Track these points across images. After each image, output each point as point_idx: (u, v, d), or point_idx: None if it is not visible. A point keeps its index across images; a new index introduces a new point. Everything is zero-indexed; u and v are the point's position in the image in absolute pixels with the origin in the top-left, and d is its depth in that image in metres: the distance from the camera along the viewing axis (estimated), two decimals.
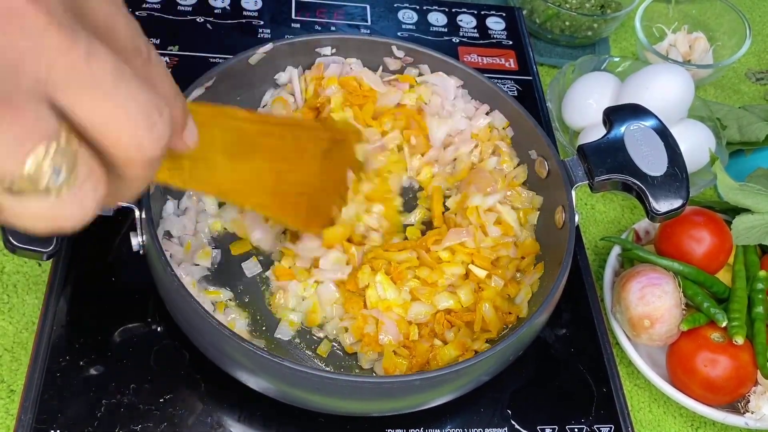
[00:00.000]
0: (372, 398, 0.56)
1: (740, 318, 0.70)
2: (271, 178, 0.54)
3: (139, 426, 0.58)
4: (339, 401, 0.56)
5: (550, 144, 0.68)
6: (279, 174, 0.55)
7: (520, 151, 0.73)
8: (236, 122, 0.49)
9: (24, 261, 0.70)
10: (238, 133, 0.49)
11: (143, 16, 0.87)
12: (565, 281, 0.60)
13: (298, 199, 0.58)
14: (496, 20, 0.99)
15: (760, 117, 0.93)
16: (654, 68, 0.86)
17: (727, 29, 1.04)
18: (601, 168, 0.64)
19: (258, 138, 0.51)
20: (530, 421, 0.64)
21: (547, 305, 0.59)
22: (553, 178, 0.67)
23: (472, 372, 0.56)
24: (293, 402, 0.58)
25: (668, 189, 0.63)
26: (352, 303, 0.64)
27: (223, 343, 0.54)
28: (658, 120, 0.66)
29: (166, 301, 0.59)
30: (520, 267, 0.68)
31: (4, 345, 0.65)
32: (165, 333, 0.63)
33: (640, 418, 0.72)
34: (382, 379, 0.58)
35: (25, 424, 0.56)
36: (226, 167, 0.48)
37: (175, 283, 0.54)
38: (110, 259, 0.67)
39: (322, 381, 0.52)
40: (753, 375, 0.69)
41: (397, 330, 0.62)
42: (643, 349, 0.73)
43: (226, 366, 0.57)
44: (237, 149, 0.49)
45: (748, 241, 0.76)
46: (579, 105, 0.89)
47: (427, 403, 0.59)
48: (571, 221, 0.63)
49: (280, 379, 0.54)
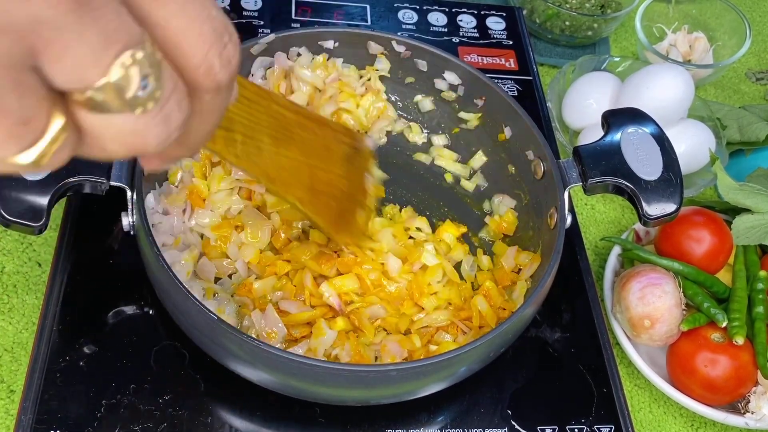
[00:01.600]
0: (350, 386, 0.56)
1: (740, 318, 0.70)
2: (307, 173, 0.52)
3: (139, 426, 0.58)
4: (315, 386, 0.56)
5: (546, 145, 0.68)
6: (312, 169, 0.53)
7: (518, 151, 0.73)
8: (277, 107, 0.48)
9: (24, 261, 0.70)
10: (280, 118, 0.48)
11: None
12: (553, 277, 0.60)
13: (329, 201, 0.57)
14: (496, 20, 0.99)
15: (760, 117, 0.93)
16: (654, 68, 0.86)
17: (727, 29, 1.04)
18: (595, 170, 0.64)
19: (295, 128, 0.51)
20: (530, 421, 0.64)
21: (535, 298, 0.59)
22: (547, 178, 0.67)
23: (458, 363, 0.56)
24: (276, 389, 0.58)
25: (661, 194, 0.63)
26: (351, 340, 0.63)
27: (205, 324, 0.54)
28: (656, 125, 0.66)
29: (154, 283, 0.60)
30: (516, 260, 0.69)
31: (3, 345, 0.65)
32: (165, 333, 0.63)
33: (640, 418, 0.72)
34: (358, 367, 0.58)
35: (25, 425, 0.56)
36: (271, 151, 0.47)
37: (162, 264, 0.54)
38: (111, 261, 0.67)
39: (299, 366, 0.52)
40: (753, 375, 0.69)
41: (400, 347, 0.63)
42: (643, 349, 0.73)
43: (208, 349, 0.57)
44: (279, 134, 0.48)
45: (748, 241, 0.76)
46: (579, 105, 0.89)
47: (418, 391, 0.59)
48: (562, 222, 0.63)
49: (262, 362, 0.54)
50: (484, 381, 0.62)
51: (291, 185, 0.50)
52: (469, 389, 0.61)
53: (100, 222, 0.69)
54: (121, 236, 0.68)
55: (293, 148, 0.49)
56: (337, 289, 0.63)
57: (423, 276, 0.66)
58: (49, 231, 0.72)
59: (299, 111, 0.52)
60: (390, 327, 0.64)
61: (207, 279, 0.64)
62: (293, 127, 0.49)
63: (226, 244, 0.66)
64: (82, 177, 0.55)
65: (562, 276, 0.71)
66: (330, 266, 0.64)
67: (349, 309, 0.63)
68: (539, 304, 0.61)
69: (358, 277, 0.64)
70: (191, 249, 0.64)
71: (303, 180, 0.52)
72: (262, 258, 0.66)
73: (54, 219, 0.72)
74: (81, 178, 0.55)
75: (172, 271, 0.55)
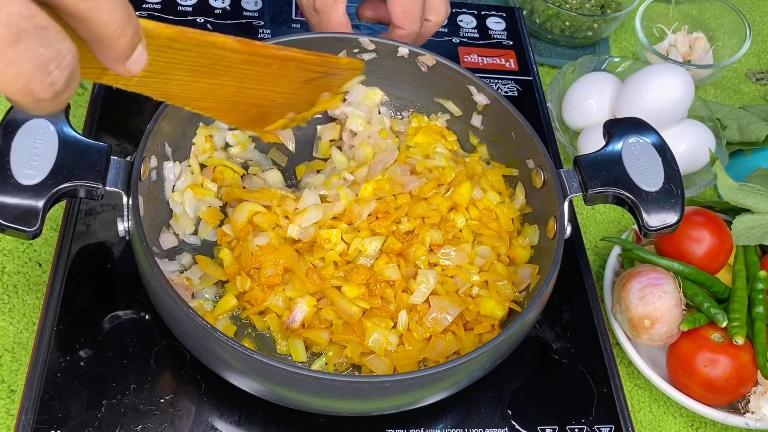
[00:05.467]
0: (344, 397, 0.55)
1: (740, 318, 0.70)
2: (229, 92, 0.54)
3: (139, 426, 0.58)
4: (309, 397, 0.56)
5: (547, 154, 0.67)
6: (240, 90, 0.55)
7: (518, 159, 0.73)
8: (217, 50, 0.48)
9: (25, 261, 0.70)
10: (216, 59, 0.49)
11: (143, 16, 0.87)
12: (551, 287, 0.60)
13: (248, 108, 0.58)
14: (497, 20, 0.99)
15: (760, 117, 0.93)
16: (654, 68, 0.86)
17: (727, 29, 1.04)
18: (595, 180, 0.63)
19: (239, 64, 0.52)
20: (530, 421, 0.64)
21: (534, 308, 0.59)
22: (548, 188, 0.67)
23: (462, 371, 0.56)
24: (270, 398, 0.58)
25: (662, 205, 0.62)
26: (352, 349, 0.63)
27: (199, 333, 0.54)
28: (658, 135, 0.66)
29: (148, 289, 0.60)
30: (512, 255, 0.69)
31: (4, 345, 0.65)
32: (165, 333, 0.63)
33: (641, 418, 0.73)
34: (351, 378, 0.58)
35: (26, 425, 0.56)
36: (184, 81, 0.48)
37: (154, 270, 0.54)
38: (111, 261, 0.67)
39: (290, 376, 0.52)
40: (753, 375, 0.69)
41: (450, 304, 0.63)
42: (643, 349, 0.73)
43: (201, 357, 0.58)
44: (205, 70, 0.49)
45: (748, 241, 0.76)
46: (579, 105, 0.89)
47: (423, 400, 0.59)
48: (561, 233, 0.63)
49: (255, 372, 0.54)
50: (484, 381, 0.62)
51: (196, 100, 0.52)
52: (469, 389, 0.61)
53: (100, 221, 0.69)
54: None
55: (218, 76, 0.51)
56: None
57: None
58: (50, 231, 0.72)
59: (256, 52, 0.52)
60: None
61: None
62: (237, 63, 0.51)
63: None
64: (77, 182, 0.54)
65: (563, 276, 0.71)
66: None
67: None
68: (538, 313, 0.61)
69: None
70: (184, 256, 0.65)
71: (219, 96, 0.54)
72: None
73: (54, 219, 0.72)
74: (76, 183, 0.54)
75: (165, 277, 0.54)
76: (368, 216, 0.67)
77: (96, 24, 0.32)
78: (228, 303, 0.64)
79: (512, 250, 0.69)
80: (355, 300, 0.63)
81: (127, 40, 0.34)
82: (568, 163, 0.91)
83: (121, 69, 0.36)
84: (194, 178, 0.70)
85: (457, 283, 0.65)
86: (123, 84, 0.43)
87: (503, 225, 0.70)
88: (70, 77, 0.31)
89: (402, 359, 0.61)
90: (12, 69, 0.29)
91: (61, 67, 0.30)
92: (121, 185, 0.57)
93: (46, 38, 0.30)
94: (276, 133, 0.64)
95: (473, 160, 0.75)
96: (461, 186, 0.69)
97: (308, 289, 0.64)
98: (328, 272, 0.65)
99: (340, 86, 0.65)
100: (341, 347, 0.63)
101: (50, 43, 0.30)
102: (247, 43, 0.51)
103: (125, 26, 0.34)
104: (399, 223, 0.67)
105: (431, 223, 0.68)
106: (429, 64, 0.75)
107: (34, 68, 0.30)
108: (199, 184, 0.69)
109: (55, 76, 0.30)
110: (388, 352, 0.61)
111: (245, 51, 0.51)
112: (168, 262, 0.66)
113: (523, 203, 0.72)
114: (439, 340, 0.62)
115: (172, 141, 0.67)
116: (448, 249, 0.66)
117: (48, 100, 0.31)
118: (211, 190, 0.70)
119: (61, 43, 0.30)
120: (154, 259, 0.55)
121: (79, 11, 0.31)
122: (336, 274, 0.65)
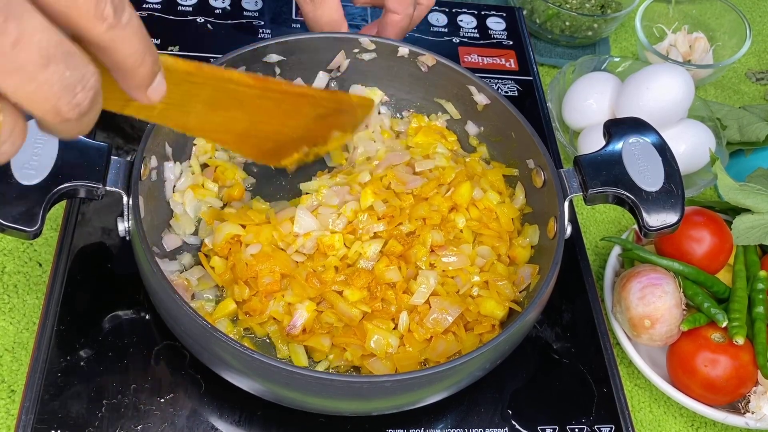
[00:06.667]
0: (344, 397, 0.55)
1: (740, 318, 0.70)
2: (244, 126, 0.57)
3: (139, 426, 0.58)
4: (309, 397, 0.56)
5: (547, 154, 0.67)
6: (254, 123, 0.57)
7: (518, 159, 0.73)
8: (232, 85, 0.51)
9: (25, 261, 0.70)
10: (232, 93, 0.51)
11: (144, 16, 0.87)
12: (551, 288, 0.60)
13: (262, 142, 0.61)
14: (497, 20, 0.99)
15: (760, 117, 0.93)
16: (654, 68, 0.86)
17: (727, 29, 1.04)
18: (595, 180, 0.63)
19: (252, 99, 0.54)
20: (530, 421, 0.64)
21: (533, 308, 0.59)
22: (548, 188, 0.67)
23: (462, 371, 0.56)
24: (270, 398, 0.58)
25: (662, 205, 0.62)
26: (352, 350, 0.62)
27: (199, 332, 0.54)
28: (658, 135, 0.66)
29: (148, 289, 0.60)
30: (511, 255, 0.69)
31: (4, 345, 0.65)
32: (166, 333, 0.63)
33: (641, 418, 0.73)
34: (351, 378, 0.58)
35: (26, 425, 0.57)
36: (201, 113, 0.51)
37: (155, 270, 0.54)
38: (112, 261, 0.67)
39: (291, 376, 0.52)
40: (753, 375, 0.69)
41: (451, 305, 0.63)
42: (643, 349, 0.73)
43: (201, 357, 0.57)
44: (221, 104, 0.52)
45: (749, 241, 0.76)
46: (579, 105, 0.89)
47: (423, 400, 0.59)
48: (561, 233, 0.63)
49: (254, 372, 0.54)
50: (485, 381, 0.62)
51: (213, 131, 0.56)
52: (469, 389, 0.61)
53: (100, 221, 0.69)
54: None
55: (234, 110, 0.54)
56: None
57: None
58: (50, 231, 0.72)
59: (269, 87, 0.55)
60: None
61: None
62: (251, 98, 0.54)
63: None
64: (77, 182, 0.54)
65: (563, 276, 0.71)
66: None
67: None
68: (538, 313, 0.61)
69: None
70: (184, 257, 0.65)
71: (234, 129, 0.57)
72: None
73: (55, 219, 0.72)
74: (76, 183, 0.54)
75: (165, 277, 0.54)
76: (369, 217, 0.67)
77: (118, 53, 0.35)
78: (227, 307, 0.64)
79: (512, 250, 0.69)
80: (356, 304, 0.63)
81: (147, 69, 0.36)
82: (568, 163, 0.91)
83: (142, 96, 0.38)
84: (195, 179, 0.70)
85: (458, 283, 0.65)
86: (145, 115, 0.46)
87: (503, 225, 0.70)
88: (94, 98, 0.33)
89: (403, 360, 0.61)
90: (42, 90, 0.31)
91: (86, 89, 0.33)
92: (121, 185, 0.57)
93: (72, 62, 0.32)
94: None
95: (473, 160, 0.75)
96: (461, 186, 0.69)
97: (308, 294, 0.63)
98: (328, 276, 0.64)
99: (353, 127, 0.67)
100: (342, 350, 0.62)
101: (76, 66, 0.32)
102: (260, 78, 0.53)
103: (145, 56, 0.36)
104: (401, 225, 0.67)
105: (432, 224, 0.68)
106: (429, 64, 0.75)
107: (61, 89, 0.32)
108: (199, 185, 0.69)
109: (81, 97, 0.32)
110: (389, 354, 0.61)
111: (258, 86, 0.54)
112: (168, 262, 0.66)
113: (523, 203, 0.72)
114: (440, 340, 0.62)
115: (173, 141, 0.67)
116: (448, 250, 0.66)
117: (74, 120, 0.33)
118: (212, 191, 0.70)
119: (86, 66, 0.33)
120: (154, 259, 0.55)
121: (103, 42, 0.34)
122: (337, 278, 0.65)
